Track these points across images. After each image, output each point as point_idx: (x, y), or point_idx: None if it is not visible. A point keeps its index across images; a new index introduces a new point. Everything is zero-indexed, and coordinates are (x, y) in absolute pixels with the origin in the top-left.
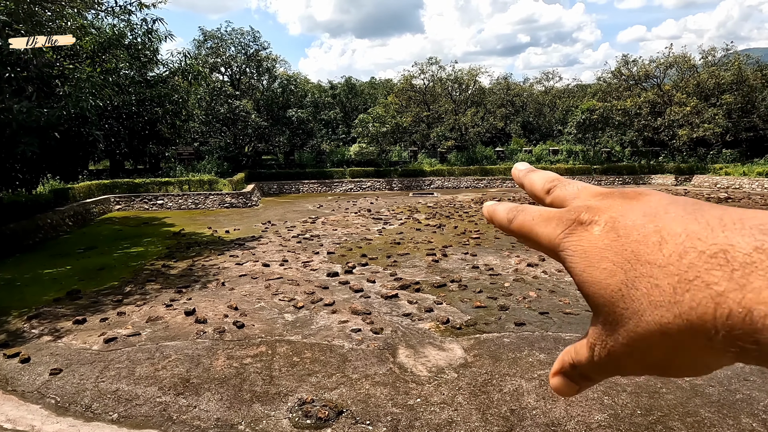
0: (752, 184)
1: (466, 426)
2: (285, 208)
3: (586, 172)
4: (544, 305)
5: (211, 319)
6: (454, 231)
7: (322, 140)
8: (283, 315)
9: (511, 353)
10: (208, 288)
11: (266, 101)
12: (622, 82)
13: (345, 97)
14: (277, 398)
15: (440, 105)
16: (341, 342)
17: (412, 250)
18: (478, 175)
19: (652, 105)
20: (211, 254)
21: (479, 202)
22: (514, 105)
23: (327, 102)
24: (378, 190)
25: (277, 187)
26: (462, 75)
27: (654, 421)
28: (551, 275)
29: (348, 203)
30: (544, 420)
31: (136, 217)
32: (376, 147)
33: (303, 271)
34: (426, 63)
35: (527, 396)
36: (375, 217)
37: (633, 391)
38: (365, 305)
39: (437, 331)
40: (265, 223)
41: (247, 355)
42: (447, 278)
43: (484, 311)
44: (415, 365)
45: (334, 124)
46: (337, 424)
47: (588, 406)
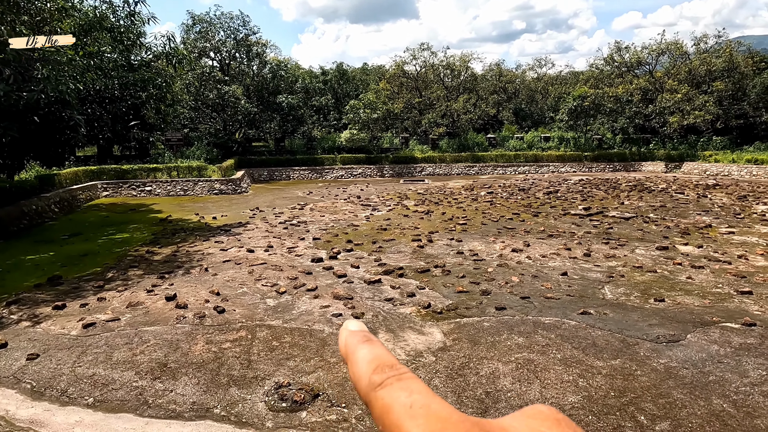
0: (741, 171)
1: None
2: (274, 195)
3: (577, 159)
4: (526, 290)
5: (192, 305)
6: (441, 217)
7: (313, 126)
8: (265, 300)
9: (490, 337)
10: (191, 274)
11: (256, 87)
12: (615, 69)
13: (336, 83)
14: (254, 382)
15: (432, 91)
16: (321, 326)
17: (398, 236)
18: (470, 162)
19: (643, 92)
20: (197, 240)
21: (470, 189)
22: (506, 92)
23: (318, 88)
24: (369, 176)
25: (268, 174)
26: (454, 61)
27: (627, 402)
28: (535, 260)
29: (338, 190)
30: (518, 402)
31: (124, 204)
32: (368, 133)
33: (288, 256)
34: (418, 49)
35: (503, 379)
36: (364, 203)
37: (608, 374)
38: (348, 290)
39: (418, 315)
40: (253, 210)
41: (226, 340)
42: (431, 264)
43: (466, 296)
44: (394, 349)
45: (325, 110)
46: (312, 407)
47: (563, 389)
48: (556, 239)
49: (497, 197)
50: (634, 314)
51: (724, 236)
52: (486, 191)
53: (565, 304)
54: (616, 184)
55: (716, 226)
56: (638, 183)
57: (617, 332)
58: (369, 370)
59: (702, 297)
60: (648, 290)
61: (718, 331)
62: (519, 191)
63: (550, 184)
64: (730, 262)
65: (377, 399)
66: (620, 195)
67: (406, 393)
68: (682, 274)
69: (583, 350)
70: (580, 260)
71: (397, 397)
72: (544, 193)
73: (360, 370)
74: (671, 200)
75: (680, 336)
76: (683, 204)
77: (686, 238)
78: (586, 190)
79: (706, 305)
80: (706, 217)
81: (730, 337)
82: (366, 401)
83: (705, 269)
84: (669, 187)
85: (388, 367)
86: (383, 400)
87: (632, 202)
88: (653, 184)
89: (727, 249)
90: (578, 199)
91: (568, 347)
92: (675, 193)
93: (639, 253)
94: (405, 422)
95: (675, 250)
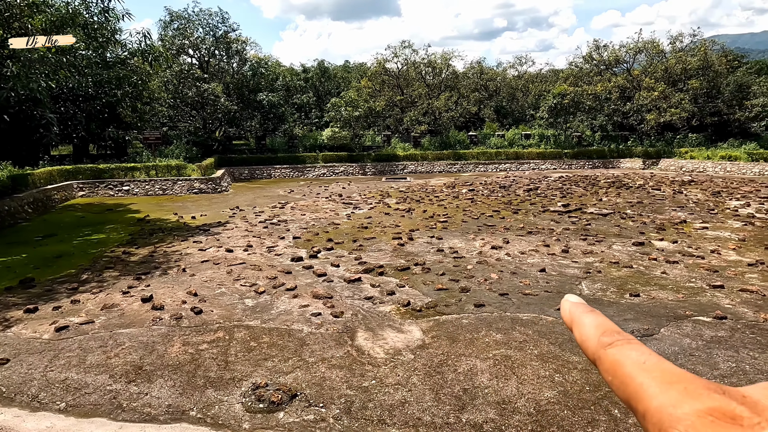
0: (715, 167)
1: (419, 406)
2: (255, 194)
3: (557, 156)
4: (505, 287)
5: (168, 306)
6: (422, 215)
7: (295, 124)
8: (244, 300)
9: (468, 334)
10: (169, 274)
11: (236, 84)
12: (593, 67)
13: (318, 81)
14: (231, 383)
15: (414, 89)
16: (300, 326)
17: (379, 234)
18: (452, 159)
19: (621, 90)
20: (175, 240)
21: (451, 186)
22: (487, 89)
23: (299, 86)
24: (351, 175)
25: (248, 173)
26: (435, 59)
27: (601, 396)
28: (514, 257)
29: (320, 188)
30: (495, 398)
31: (100, 204)
32: (349, 131)
33: (267, 256)
34: (399, 47)
35: (481, 375)
36: (345, 202)
37: (584, 368)
38: (327, 289)
39: (397, 313)
40: (233, 209)
41: (203, 341)
42: (411, 261)
43: (445, 293)
44: (373, 347)
45: (306, 108)
46: (290, 408)
47: (539, 384)
48: (535, 236)
49: (478, 195)
50: (610, 309)
51: (698, 231)
52: (467, 189)
53: (543, 300)
54: (595, 180)
55: (691, 221)
56: (616, 180)
57: None
58: (597, 333)
59: (676, 291)
60: (624, 285)
61: (691, 325)
62: (500, 189)
63: (531, 181)
64: (703, 256)
65: (607, 356)
66: (599, 192)
67: (637, 353)
68: (657, 269)
69: (559, 346)
70: (558, 256)
71: (629, 354)
72: (524, 191)
73: (588, 332)
74: (648, 196)
75: (654, 330)
76: (659, 200)
77: (662, 234)
78: (565, 187)
79: (679, 299)
80: (681, 213)
81: (702, 331)
82: (594, 358)
83: (679, 264)
84: (646, 183)
85: (615, 332)
86: (614, 356)
87: (610, 198)
88: (631, 181)
89: (701, 244)
90: (557, 196)
91: (545, 343)
92: (652, 189)
93: (616, 249)
94: (638, 374)
95: (651, 246)
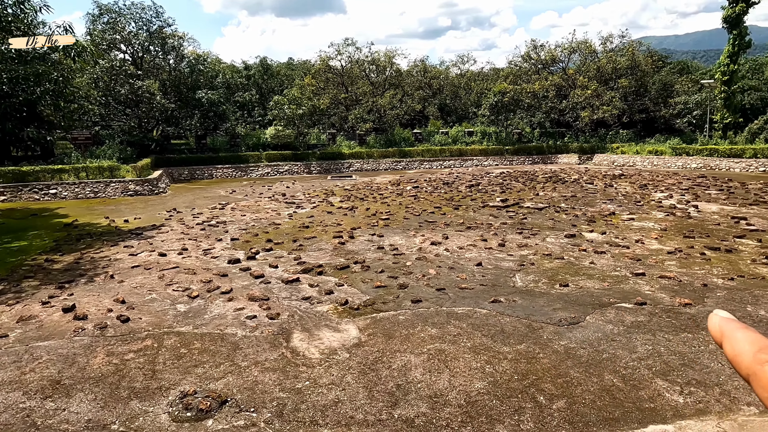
0: (643, 161)
1: (352, 404)
2: (195, 195)
3: (499, 152)
4: (442, 282)
5: (93, 315)
6: (365, 213)
7: (237, 123)
8: (176, 306)
9: (404, 330)
10: (95, 282)
11: (173, 82)
12: (531, 66)
13: (260, 79)
14: (158, 393)
15: (358, 87)
16: (234, 330)
17: (320, 233)
18: (397, 157)
19: (557, 88)
20: (104, 246)
21: (396, 184)
22: (431, 87)
23: (241, 83)
24: (296, 173)
25: (189, 173)
26: (379, 57)
27: (528, 384)
28: (453, 252)
29: (263, 188)
30: (427, 392)
31: (24, 209)
32: (293, 130)
33: (203, 259)
34: (342, 44)
35: (414, 370)
36: (288, 201)
37: (513, 359)
38: (264, 291)
39: (335, 312)
40: (170, 211)
41: (129, 351)
42: (351, 260)
43: (383, 291)
44: (308, 348)
45: (249, 106)
46: (219, 415)
47: (470, 376)
48: (473, 231)
49: (422, 192)
50: (540, 300)
51: (625, 223)
52: (411, 186)
53: (478, 294)
54: (534, 176)
55: (619, 213)
56: (554, 175)
57: (524, 318)
58: (753, 349)
59: (602, 280)
60: (555, 276)
61: (614, 312)
62: (443, 185)
63: (473, 177)
64: (629, 246)
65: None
66: (536, 187)
67: None
68: (586, 259)
69: (491, 337)
70: (495, 250)
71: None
72: (466, 187)
73: (742, 348)
74: (581, 190)
75: (580, 318)
76: (591, 194)
77: (592, 226)
78: (505, 182)
79: (605, 288)
80: (610, 206)
81: (624, 317)
82: (748, 374)
83: (606, 254)
84: (581, 178)
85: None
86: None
87: (546, 193)
88: (567, 176)
89: (627, 234)
90: (497, 191)
91: (478, 335)
92: (585, 183)
93: (549, 242)
94: None
95: (581, 238)
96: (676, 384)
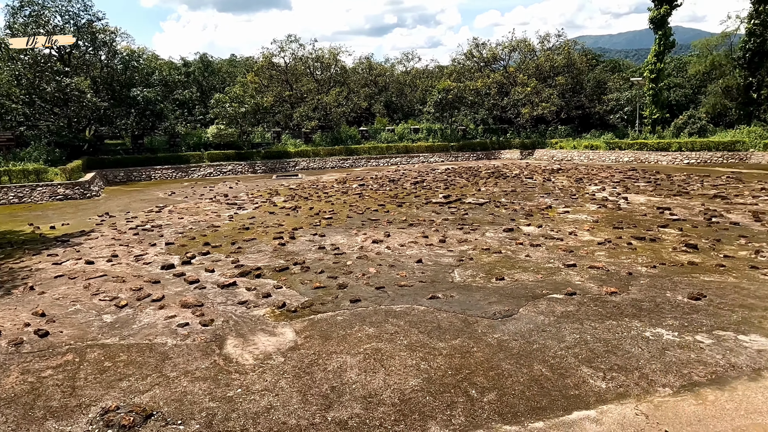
0: (580, 156)
1: (285, 410)
2: (131, 198)
3: (445, 149)
4: (382, 280)
5: (7, 331)
6: (308, 212)
7: (177, 122)
8: (102, 316)
9: (342, 330)
10: (12, 294)
11: (105, 79)
12: (474, 63)
13: (201, 76)
14: (77, 411)
15: (303, 84)
16: (164, 339)
17: (261, 234)
18: (344, 155)
19: (499, 85)
20: (25, 255)
21: (342, 182)
22: (377, 85)
23: (180, 81)
24: (240, 173)
25: (125, 175)
26: (323, 54)
27: (461, 379)
28: (394, 250)
29: (204, 189)
30: (362, 393)
31: None
32: (236, 128)
33: (134, 265)
34: (285, 41)
35: (350, 371)
36: (230, 202)
37: (448, 354)
38: (199, 297)
39: (272, 316)
40: (102, 216)
41: (47, 367)
42: (291, 261)
43: (322, 291)
44: (242, 354)
45: (190, 104)
46: (144, 430)
47: (405, 374)
48: (415, 228)
49: (367, 189)
50: (477, 294)
51: (560, 216)
52: (358, 184)
53: (417, 291)
54: (477, 171)
55: (555, 206)
56: (496, 170)
57: (460, 313)
58: None
59: (536, 272)
60: (492, 270)
61: (545, 303)
62: (389, 182)
63: (419, 174)
64: (562, 238)
65: None
66: (479, 182)
67: None
68: (522, 252)
69: (428, 334)
70: (435, 247)
71: None
72: (411, 184)
73: None
74: (521, 185)
75: (514, 311)
76: (531, 188)
77: (529, 220)
78: (450, 178)
79: (538, 280)
80: (548, 199)
81: (554, 307)
82: None
83: (541, 247)
84: (521, 173)
85: None
86: None
87: (488, 188)
88: (509, 171)
89: (562, 227)
90: (441, 187)
91: (415, 332)
92: (525, 178)
93: (488, 236)
94: None
95: (519, 231)
96: (600, 370)
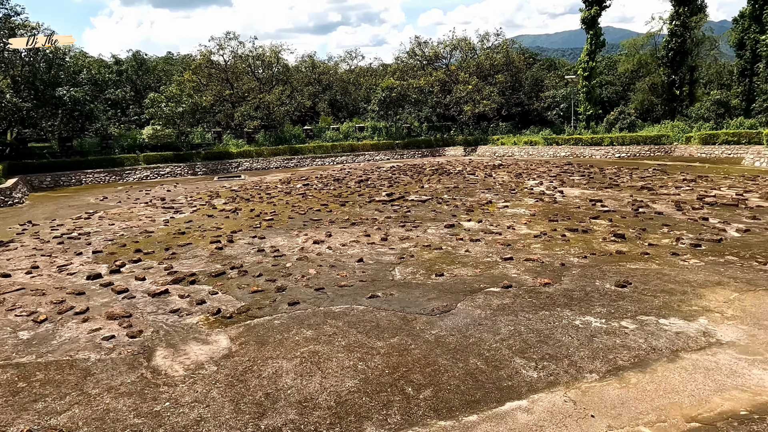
0: (521, 151)
1: (216, 421)
2: (58, 204)
3: (390, 147)
4: (322, 281)
5: None
6: (249, 214)
7: (109, 123)
8: (17, 333)
9: (278, 335)
10: None
11: (27, 78)
12: (417, 62)
13: (135, 74)
14: None
15: (244, 83)
16: (87, 354)
17: (197, 239)
18: (288, 154)
19: (442, 83)
20: None
21: (286, 182)
22: (321, 83)
23: (112, 79)
24: (179, 175)
25: (52, 180)
26: (264, 52)
27: (398, 377)
28: (335, 250)
29: (140, 193)
30: (297, 398)
31: None
32: (174, 129)
33: (57, 277)
34: (224, 38)
35: (285, 376)
36: (167, 206)
37: (386, 353)
38: (127, 307)
39: (206, 323)
40: (24, 224)
41: None
42: (228, 265)
43: (260, 295)
44: (172, 365)
45: (123, 104)
46: None
47: (342, 375)
48: (358, 227)
49: (311, 189)
50: (416, 291)
51: (500, 210)
52: (302, 183)
53: (357, 290)
54: (422, 169)
55: (495, 201)
56: (440, 167)
57: (399, 311)
58: None
59: (474, 267)
60: (432, 266)
61: (483, 297)
62: (334, 181)
63: (364, 172)
64: (501, 233)
65: None
66: (423, 179)
67: None
68: (462, 248)
69: (366, 333)
70: (377, 245)
71: None
72: (355, 182)
73: None
74: (464, 181)
75: (452, 306)
76: (472, 184)
77: (470, 215)
78: (394, 176)
79: (477, 274)
80: (488, 195)
81: (491, 300)
82: None
83: (481, 242)
84: (464, 169)
85: None
86: None
87: (431, 185)
88: (452, 167)
89: (501, 221)
90: (386, 185)
91: (354, 333)
92: (468, 174)
93: (430, 233)
94: None
95: (460, 227)
96: (532, 360)
